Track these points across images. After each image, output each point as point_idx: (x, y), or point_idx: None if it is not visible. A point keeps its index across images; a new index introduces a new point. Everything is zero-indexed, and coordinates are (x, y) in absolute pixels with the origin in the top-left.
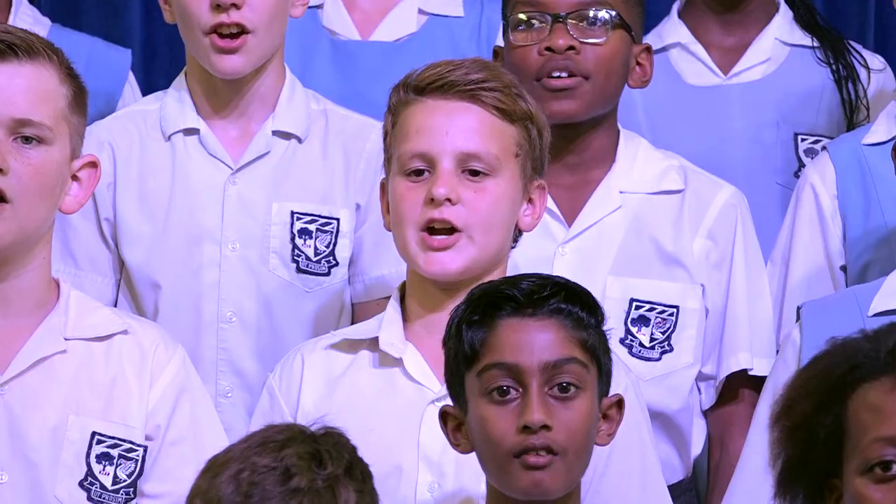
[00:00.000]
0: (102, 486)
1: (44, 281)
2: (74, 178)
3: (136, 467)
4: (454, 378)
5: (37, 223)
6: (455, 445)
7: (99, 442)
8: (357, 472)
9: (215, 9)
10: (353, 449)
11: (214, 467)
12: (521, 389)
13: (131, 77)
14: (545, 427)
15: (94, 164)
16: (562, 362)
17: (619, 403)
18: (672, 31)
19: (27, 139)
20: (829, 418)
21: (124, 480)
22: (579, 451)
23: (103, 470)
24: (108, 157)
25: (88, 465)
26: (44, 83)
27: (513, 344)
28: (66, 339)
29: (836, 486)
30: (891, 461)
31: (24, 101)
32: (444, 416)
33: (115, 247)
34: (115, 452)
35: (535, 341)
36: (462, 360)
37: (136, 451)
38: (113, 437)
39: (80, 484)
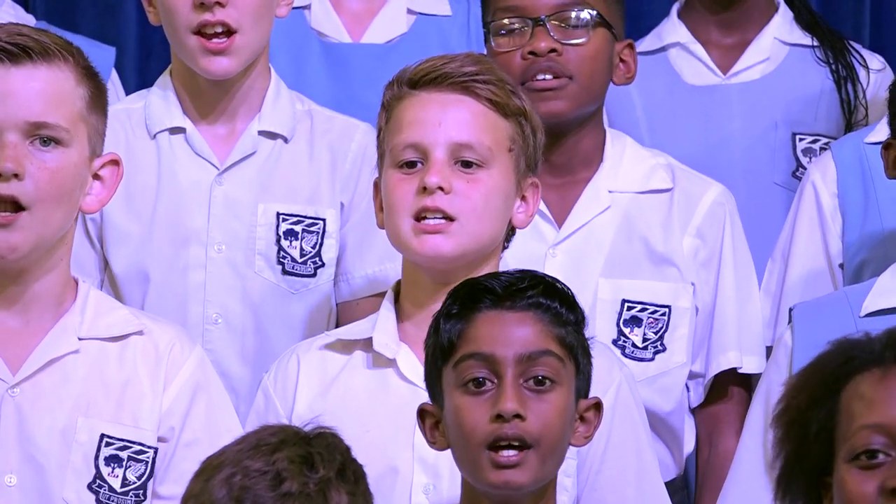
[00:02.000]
0: (111, 489)
1: (62, 282)
2: (96, 176)
3: (146, 469)
4: (432, 373)
5: (55, 228)
6: (431, 443)
7: (108, 444)
8: (349, 474)
9: (199, 7)
10: (347, 450)
11: (208, 470)
12: (496, 381)
13: (114, 75)
14: (518, 416)
15: (116, 162)
16: (537, 354)
17: (598, 406)
18: (671, 30)
19: (45, 142)
20: (822, 412)
21: (133, 482)
22: (552, 444)
23: (112, 472)
24: None
25: (97, 467)
26: (59, 85)
27: (489, 335)
28: (80, 339)
29: (830, 486)
30: (876, 450)
31: (40, 103)
32: (421, 413)
33: (101, 247)
34: (124, 455)
35: (512, 333)
36: (440, 353)
37: (146, 452)
38: (122, 440)
39: (89, 486)
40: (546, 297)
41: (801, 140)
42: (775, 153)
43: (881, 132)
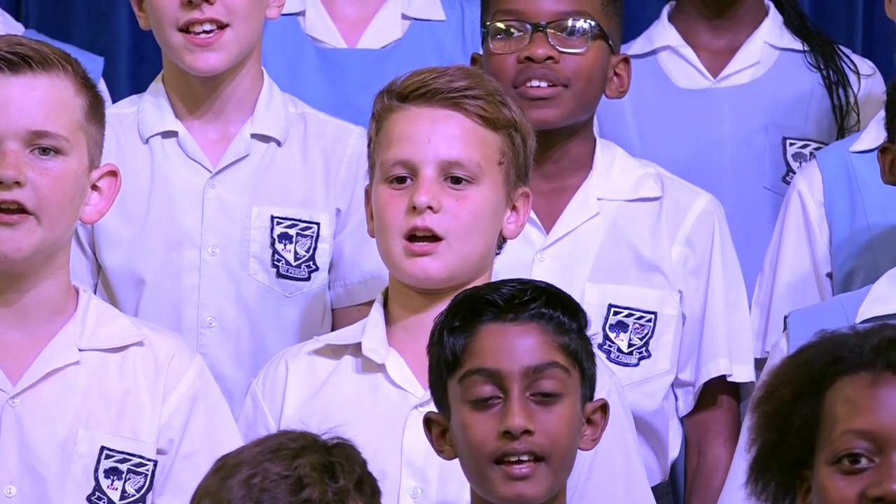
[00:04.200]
0: (110, 501)
1: (62, 290)
2: (94, 187)
3: (145, 482)
4: (437, 384)
5: (58, 234)
6: (439, 452)
7: (108, 457)
8: (367, 487)
9: (187, 5)
10: (364, 462)
11: (225, 468)
12: (502, 395)
13: (102, 84)
14: (527, 432)
15: (113, 174)
16: (543, 367)
17: (604, 408)
18: (662, 34)
19: (45, 150)
20: (805, 408)
21: (133, 495)
22: (562, 455)
23: (111, 485)
24: None
25: (97, 479)
26: (59, 94)
27: (494, 349)
28: (80, 350)
29: (806, 478)
30: (859, 454)
31: (40, 112)
32: (428, 422)
33: (92, 252)
34: (123, 467)
35: (516, 346)
36: (444, 366)
37: (145, 465)
38: (122, 452)
39: (88, 498)
40: (549, 307)
41: (791, 145)
42: (765, 157)
43: (866, 140)
